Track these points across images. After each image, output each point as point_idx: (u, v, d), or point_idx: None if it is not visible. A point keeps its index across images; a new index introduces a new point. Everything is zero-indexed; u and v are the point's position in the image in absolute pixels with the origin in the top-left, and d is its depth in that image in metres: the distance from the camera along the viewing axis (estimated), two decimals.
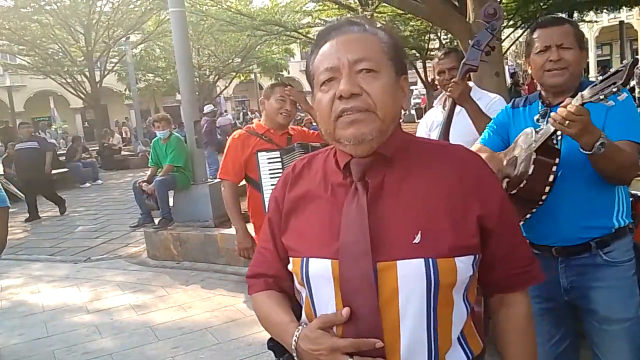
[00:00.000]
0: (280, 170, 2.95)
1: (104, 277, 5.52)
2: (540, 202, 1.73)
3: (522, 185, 1.70)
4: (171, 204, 6.36)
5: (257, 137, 3.08)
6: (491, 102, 2.83)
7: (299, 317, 1.16)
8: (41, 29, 19.65)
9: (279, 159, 2.97)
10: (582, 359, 2.09)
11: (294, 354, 1.06)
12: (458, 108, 2.65)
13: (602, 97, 1.43)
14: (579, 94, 1.53)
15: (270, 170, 2.97)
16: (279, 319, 1.14)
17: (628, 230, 1.86)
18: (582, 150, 1.60)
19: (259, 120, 3.22)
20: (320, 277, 1.06)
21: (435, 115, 3.00)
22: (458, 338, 1.08)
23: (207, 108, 12.96)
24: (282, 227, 1.16)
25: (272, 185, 2.94)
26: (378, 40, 1.07)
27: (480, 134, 2.66)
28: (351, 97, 1.01)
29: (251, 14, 16.89)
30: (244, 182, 3.20)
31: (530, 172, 1.68)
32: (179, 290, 4.90)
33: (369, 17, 13.15)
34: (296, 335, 1.06)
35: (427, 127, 3.08)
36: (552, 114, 1.60)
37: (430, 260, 1.00)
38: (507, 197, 1.15)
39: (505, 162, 1.89)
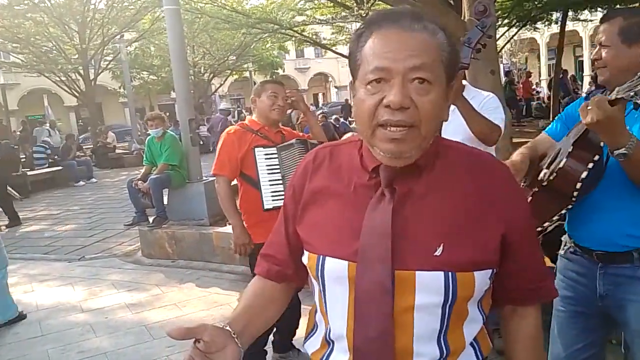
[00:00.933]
0: (278, 167, 2.94)
1: (99, 276, 5.50)
2: (573, 199, 1.65)
3: (552, 177, 1.64)
4: (166, 202, 6.35)
5: (253, 134, 3.03)
6: (484, 100, 2.82)
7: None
8: (35, 26, 19.54)
9: (277, 155, 2.95)
10: None
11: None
12: (452, 106, 2.65)
13: (632, 94, 1.39)
14: (616, 88, 1.47)
15: (267, 166, 2.94)
16: (239, 309, 1.16)
17: None
18: (609, 152, 1.54)
19: (252, 117, 3.18)
20: (335, 277, 1.04)
21: None
22: (471, 343, 1.08)
23: (222, 105, 12.77)
24: (299, 217, 1.14)
25: (269, 181, 2.93)
26: (438, 46, 0.98)
27: (473, 132, 2.66)
28: (400, 109, 0.94)
29: (246, 12, 16.84)
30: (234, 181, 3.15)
31: (561, 165, 1.61)
32: (174, 289, 4.89)
33: (364, 15, 13.14)
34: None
35: None
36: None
37: (450, 273, 0.98)
38: (531, 214, 1.12)
39: (552, 154, 1.82)
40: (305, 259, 1.11)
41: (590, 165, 1.58)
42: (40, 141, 15.17)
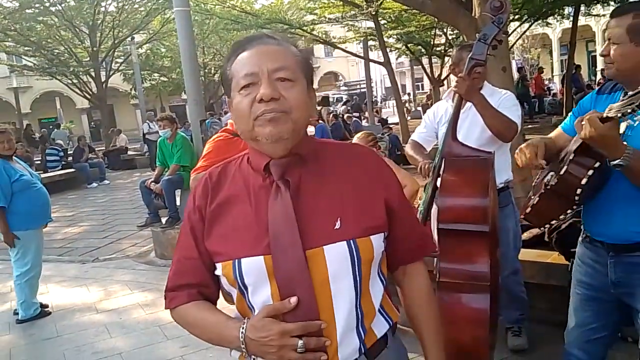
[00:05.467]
0: None
1: (113, 277, 5.55)
2: (576, 203, 1.73)
3: (554, 182, 1.72)
4: (178, 203, 6.38)
5: (242, 139, 2.91)
6: (502, 98, 2.81)
7: None
8: (46, 30, 19.71)
9: None
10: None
11: (242, 346, 1.12)
12: (469, 104, 2.63)
13: (619, 115, 1.46)
14: (609, 105, 1.54)
15: None
16: (216, 320, 1.21)
17: None
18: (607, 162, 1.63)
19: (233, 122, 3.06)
20: (254, 274, 1.13)
21: (445, 109, 2.98)
22: (379, 309, 1.22)
23: None
24: (206, 235, 1.21)
25: None
26: (292, 54, 1.18)
27: (489, 129, 2.65)
28: (271, 100, 1.11)
29: (256, 13, 16.87)
30: None
31: (562, 172, 1.69)
32: None
33: (373, 13, 13.13)
34: (243, 328, 1.12)
35: (436, 117, 3.05)
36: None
37: (351, 241, 1.14)
38: (400, 185, 1.32)
39: (561, 156, 1.86)
40: (219, 270, 1.19)
41: (590, 172, 1.65)
42: (54, 143, 15.32)
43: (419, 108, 26.76)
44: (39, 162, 14.63)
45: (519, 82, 16.10)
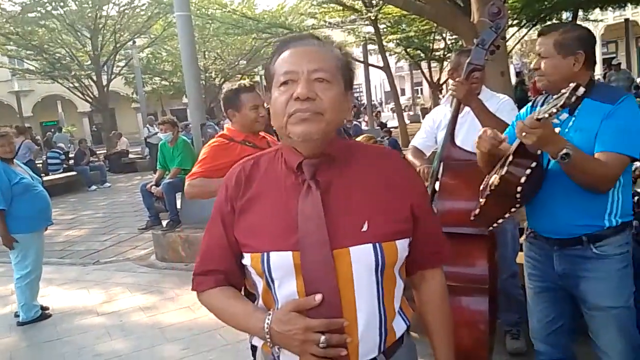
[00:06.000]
0: None
1: (113, 280, 5.56)
2: (518, 200, 1.89)
3: (497, 183, 1.88)
4: (179, 206, 6.40)
5: (239, 144, 2.84)
6: (500, 103, 2.84)
7: None
8: (48, 33, 19.72)
9: None
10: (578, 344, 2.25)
11: (267, 336, 1.17)
12: (467, 108, 2.66)
13: (546, 115, 1.60)
14: (538, 109, 1.71)
15: None
16: (242, 308, 1.25)
17: (626, 227, 1.99)
18: (551, 158, 1.79)
19: (230, 127, 2.95)
20: (281, 268, 1.18)
21: (443, 114, 3.01)
22: (398, 311, 1.27)
23: None
24: (235, 225, 1.26)
25: None
26: (333, 57, 1.22)
27: None
28: (306, 99, 1.15)
29: (256, 17, 16.93)
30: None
31: (503, 172, 1.85)
32: (187, 292, 4.92)
33: (373, 18, 13.18)
34: (268, 319, 1.17)
35: (435, 123, 3.09)
36: (517, 123, 1.80)
37: (377, 244, 1.17)
38: (427, 191, 1.37)
39: (502, 161, 1.98)
40: (246, 261, 1.24)
41: (528, 171, 1.80)
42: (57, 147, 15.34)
43: (419, 112, 26.82)
44: (40, 164, 14.64)
45: (517, 87, 16.12)
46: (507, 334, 3.13)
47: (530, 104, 2.20)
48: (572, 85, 1.56)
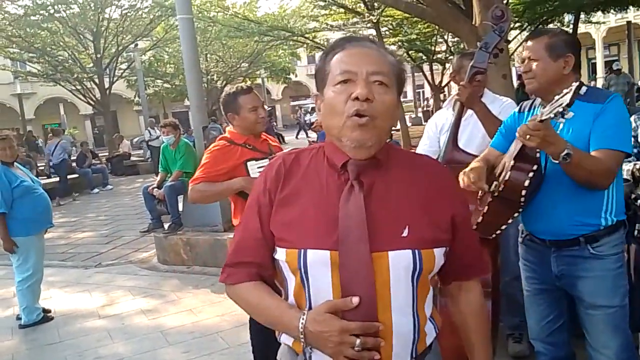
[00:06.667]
0: None
1: (115, 282, 5.57)
2: (521, 204, 1.92)
3: (501, 189, 1.91)
4: (181, 209, 6.40)
5: (240, 147, 2.83)
6: (503, 106, 2.84)
7: None
8: (51, 36, 19.78)
9: None
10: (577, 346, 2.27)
11: (301, 336, 1.15)
12: (470, 111, 2.66)
13: (552, 115, 1.62)
14: (541, 111, 1.73)
15: None
16: (276, 305, 1.23)
17: (620, 226, 2.03)
18: (552, 159, 1.81)
19: (231, 130, 2.94)
20: (318, 266, 1.16)
21: (445, 118, 3.00)
22: (429, 318, 1.26)
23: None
24: (272, 218, 1.24)
25: None
26: (390, 62, 1.21)
27: (490, 137, 2.68)
28: (365, 100, 1.13)
29: (258, 20, 16.95)
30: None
31: (507, 177, 1.87)
32: (189, 295, 4.93)
33: (374, 20, 13.19)
34: (303, 319, 1.15)
35: (437, 128, 3.08)
36: (518, 128, 1.81)
37: (416, 251, 1.16)
38: (467, 202, 1.37)
39: (499, 168, 2.04)
40: (281, 255, 1.21)
41: (531, 174, 1.85)
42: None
43: (420, 114, 26.81)
44: (42, 167, 14.67)
45: (519, 89, 16.13)
46: (510, 337, 3.12)
47: (516, 109, 2.25)
48: (575, 84, 1.59)
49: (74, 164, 13.93)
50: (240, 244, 1.29)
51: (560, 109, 1.58)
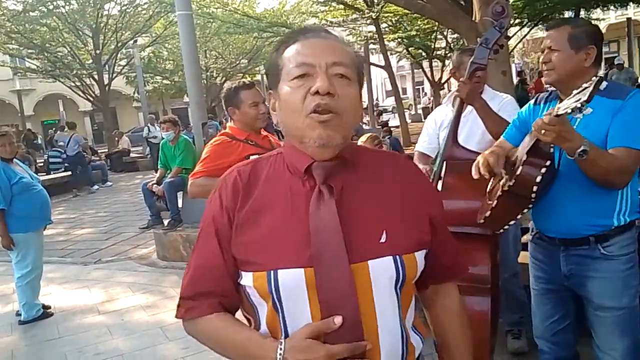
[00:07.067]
0: None
1: (115, 279, 5.57)
2: (532, 200, 1.84)
3: (511, 183, 1.83)
4: (180, 205, 6.40)
5: (241, 143, 2.85)
6: (503, 103, 2.83)
7: None
8: (50, 32, 19.73)
9: None
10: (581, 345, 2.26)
11: None
12: (470, 107, 2.66)
13: (569, 111, 1.55)
14: (557, 105, 1.67)
15: None
16: (247, 337, 1.08)
17: (632, 225, 1.97)
18: (567, 155, 1.75)
19: (232, 125, 2.95)
20: (292, 287, 1.02)
21: (445, 114, 3.00)
22: (412, 327, 1.16)
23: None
24: (234, 240, 1.09)
25: None
26: (349, 53, 1.11)
27: (490, 133, 2.68)
28: (326, 95, 1.02)
29: (257, 16, 16.93)
30: None
31: (518, 172, 1.81)
32: None
33: (374, 17, 13.16)
34: (281, 349, 1.01)
35: (437, 124, 3.08)
36: (534, 122, 1.75)
37: (397, 257, 1.05)
38: (442, 200, 1.27)
39: (512, 159, 1.97)
40: (247, 281, 1.07)
41: (543, 170, 1.78)
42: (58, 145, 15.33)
43: (420, 111, 26.79)
44: (42, 164, 14.65)
45: (519, 86, 16.13)
46: (509, 333, 3.13)
47: (532, 102, 2.18)
48: (594, 79, 1.52)
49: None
50: (198, 272, 1.13)
51: (579, 105, 1.52)
